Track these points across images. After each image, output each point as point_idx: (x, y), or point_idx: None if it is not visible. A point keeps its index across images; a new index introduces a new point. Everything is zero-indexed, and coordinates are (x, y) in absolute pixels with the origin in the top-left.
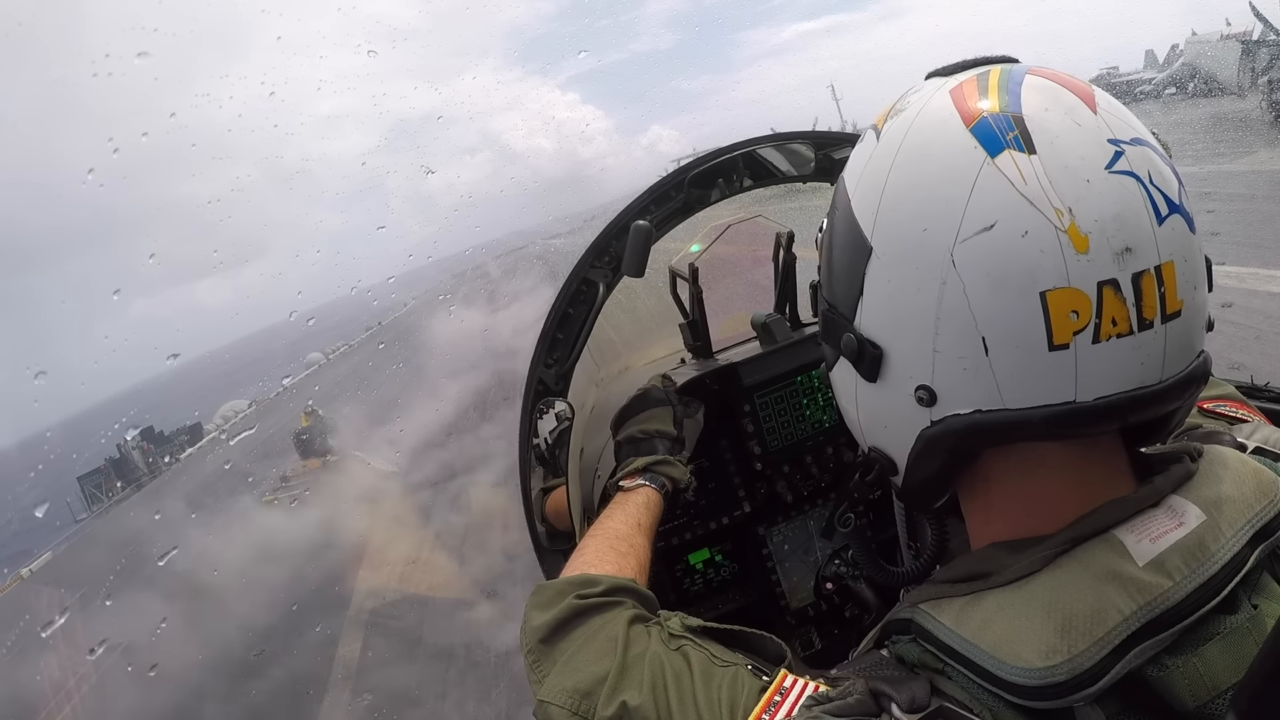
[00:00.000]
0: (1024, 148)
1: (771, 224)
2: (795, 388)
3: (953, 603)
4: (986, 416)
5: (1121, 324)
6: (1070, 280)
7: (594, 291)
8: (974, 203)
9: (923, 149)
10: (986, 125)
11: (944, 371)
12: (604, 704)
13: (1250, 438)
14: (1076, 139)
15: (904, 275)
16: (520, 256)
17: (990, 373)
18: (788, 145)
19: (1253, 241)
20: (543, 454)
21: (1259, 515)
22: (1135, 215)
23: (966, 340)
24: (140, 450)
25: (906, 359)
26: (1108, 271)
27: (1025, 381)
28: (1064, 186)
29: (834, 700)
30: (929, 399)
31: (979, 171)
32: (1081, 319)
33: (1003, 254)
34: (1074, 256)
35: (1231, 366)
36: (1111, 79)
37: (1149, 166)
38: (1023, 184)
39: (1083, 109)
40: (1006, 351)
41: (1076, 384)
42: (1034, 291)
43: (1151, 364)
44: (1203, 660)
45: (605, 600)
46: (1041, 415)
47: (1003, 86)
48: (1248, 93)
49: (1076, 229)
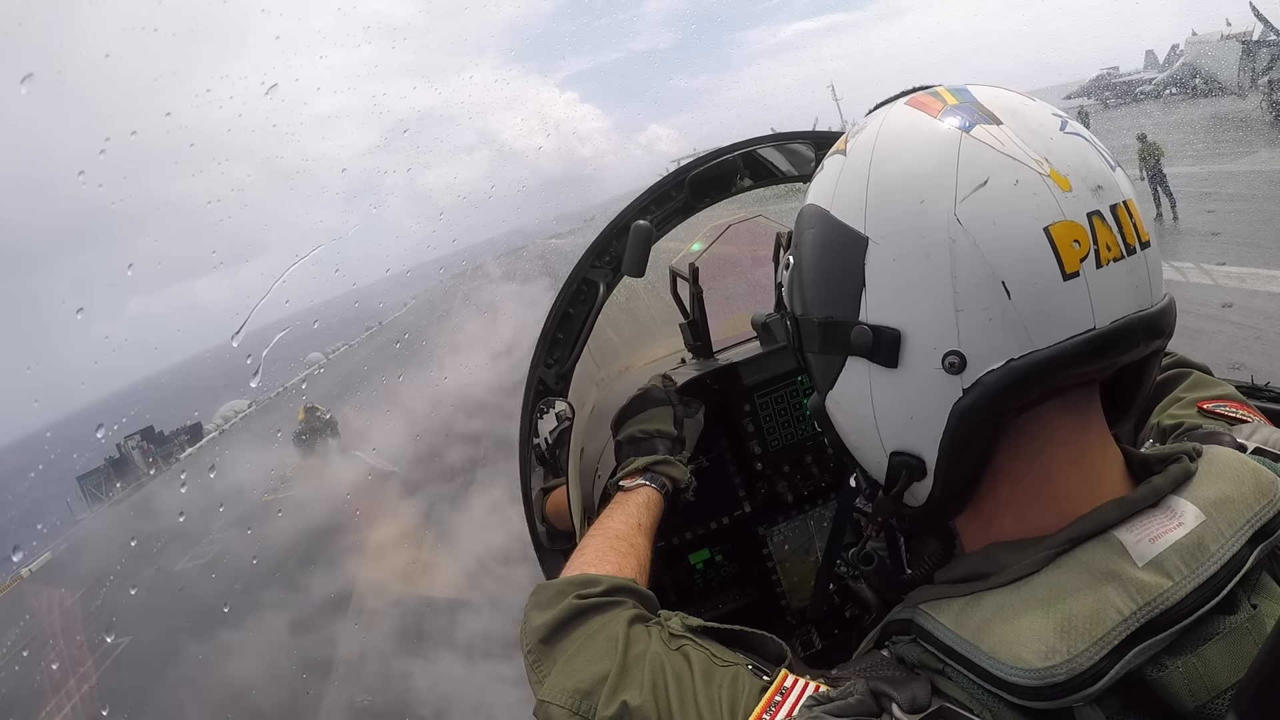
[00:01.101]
0: (990, 121)
1: (771, 224)
2: (795, 387)
3: (952, 603)
4: (1019, 363)
5: (1114, 249)
6: (1065, 214)
7: (594, 291)
8: (963, 168)
9: (898, 144)
10: (954, 111)
11: (970, 330)
12: (604, 704)
13: (1250, 438)
14: (1030, 112)
15: (909, 248)
16: (520, 256)
17: (1017, 316)
18: (788, 145)
19: (1253, 241)
20: (543, 454)
21: (1258, 515)
22: (1096, 160)
23: (987, 290)
24: (140, 450)
25: (927, 330)
26: (1091, 204)
27: (1050, 316)
28: (1034, 143)
29: (835, 700)
30: (960, 363)
31: (960, 144)
32: (1083, 247)
33: (1002, 203)
34: (1062, 195)
35: (1231, 366)
36: (1112, 79)
37: (1087, 134)
38: (1001, 145)
39: (1022, 98)
40: (1027, 290)
41: (1093, 310)
42: (1039, 228)
43: (1144, 287)
44: (1202, 660)
45: (605, 600)
46: (1071, 347)
47: (954, 93)
48: (1248, 93)
49: (1056, 172)
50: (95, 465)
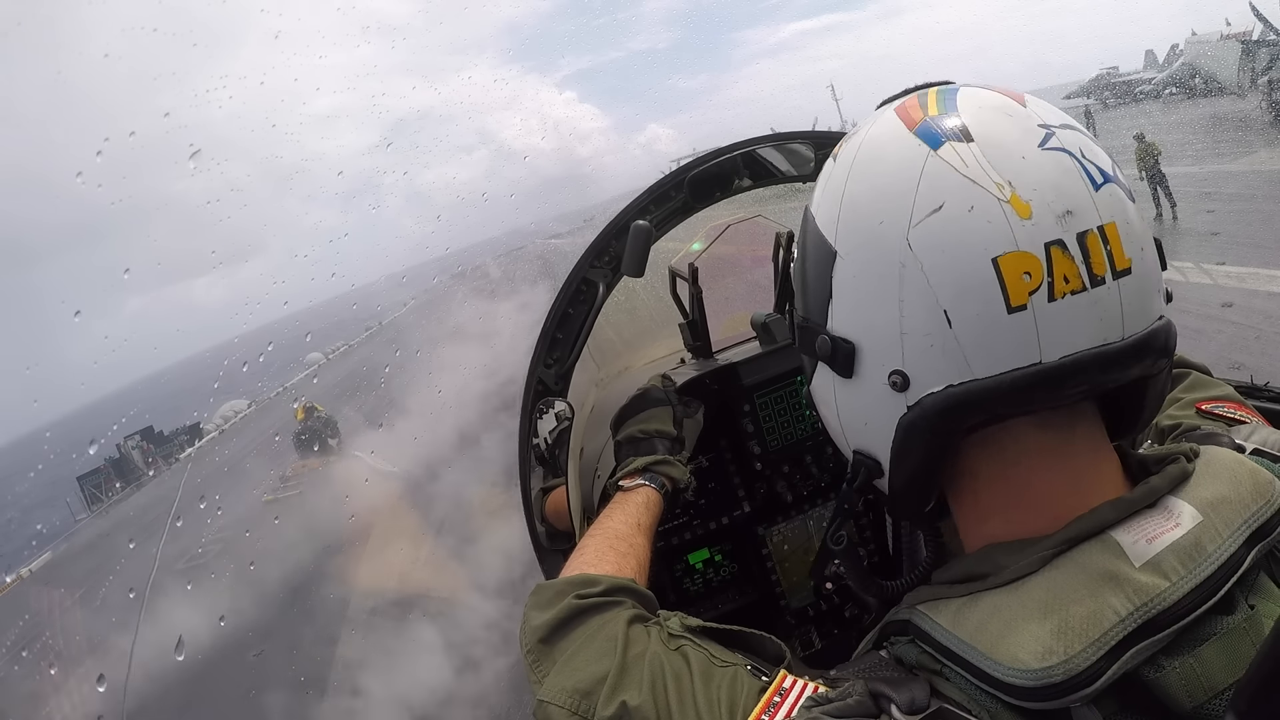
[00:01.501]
0: (962, 138)
1: (771, 224)
2: (795, 387)
3: (950, 604)
4: (958, 390)
5: (1074, 281)
6: (1018, 244)
7: (594, 291)
8: (922, 190)
9: (873, 156)
10: (928, 126)
11: (913, 352)
12: (604, 704)
13: (1248, 439)
14: (1009, 125)
15: (866, 267)
16: (519, 256)
17: (956, 345)
18: (787, 145)
19: (1253, 241)
20: (542, 454)
21: (1255, 515)
22: (1071, 182)
23: (930, 317)
24: (140, 450)
25: (877, 348)
26: (1052, 233)
27: (990, 348)
28: (1002, 164)
29: (833, 701)
30: (902, 383)
31: (924, 163)
32: (1034, 279)
33: (953, 230)
34: (1019, 222)
35: (1231, 366)
36: (1111, 79)
37: (1080, 144)
38: (964, 167)
39: (1013, 104)
40: (968, 321)
41: (1040, 344)
42: (986, 259)
43: (1111, 320)
44: (1200, 661)
45: (605, 600)
46: (1010, 379)
47: (940, 98)
48: (1248, 93)
49: (1018, 198)
50: (95, 465)
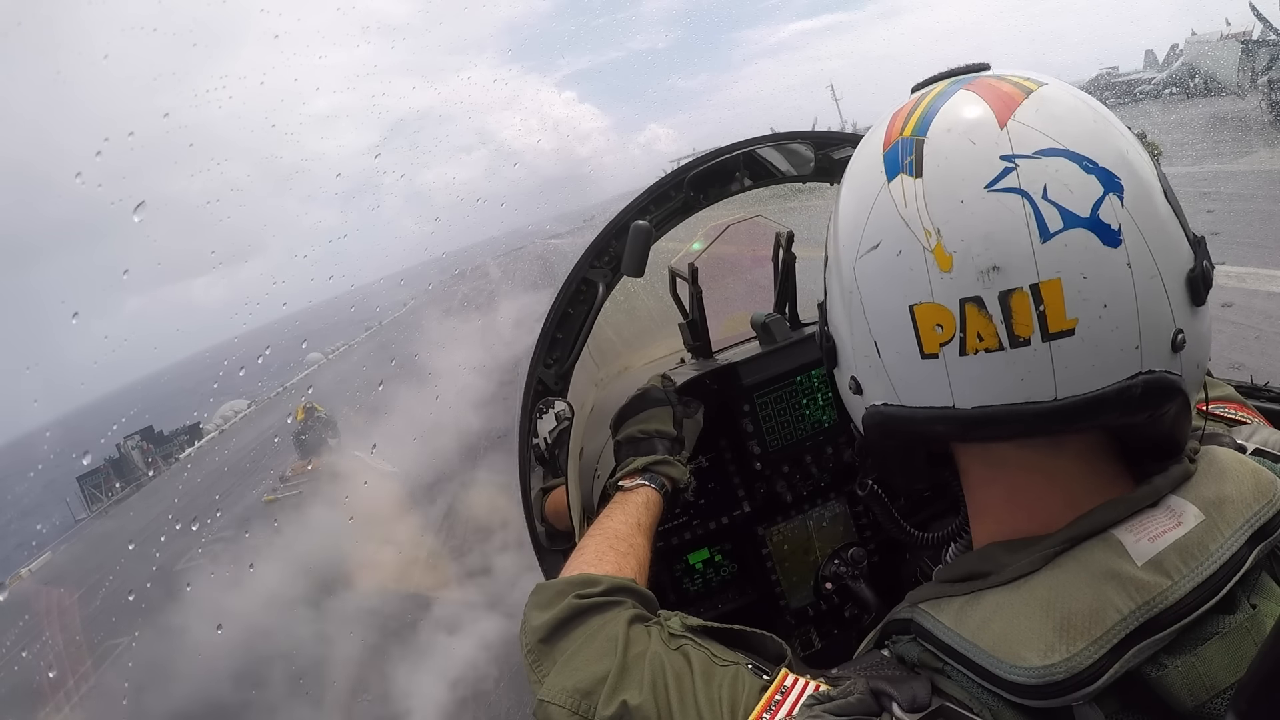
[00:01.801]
0: (914, 171)
1: (771, 224)
2: (795, 388)
3: (952, 602)
4: (888, 410)
5: (989, 339)
6: (934, 296)
7: (593, 291)
8: (870, 223)
9: (855, 171)
10: (894, 151)
11: (859, 366)
12: (604, 703)
13: (1249, 439)
14: (963, 159)
15: (836, 282)
16: (519, 256)
17: (885, 372)
18: (787, 145)
19: (1253, 241)
20: (542, 454)
21: (1257, 515)
22: (1009, 233)
23: (867, 343)
24: (140, 450)
25: (844, 352)
26: (971, 289)
27: (909, 383)
28: (937, 208)
29: (835, 700)
30: (856, 388)
31: (877, 195)
32: (946, 332)
33: (884, 271)
34: (938, 275)
35: (1232, 366)
36: (1111, 79)
37: (1050, 179)
38: (904, 206)
39: (988, 125)
40: (892, 356)
41: (951, 391)
42: (905, 305)
43: (1035, 381)
44: (1201, 660)
45: (605, 600)
46: (924, 415)
47: (925, 109)
48: (1247, 93)
49: (942, 248)
50: (95, 465)
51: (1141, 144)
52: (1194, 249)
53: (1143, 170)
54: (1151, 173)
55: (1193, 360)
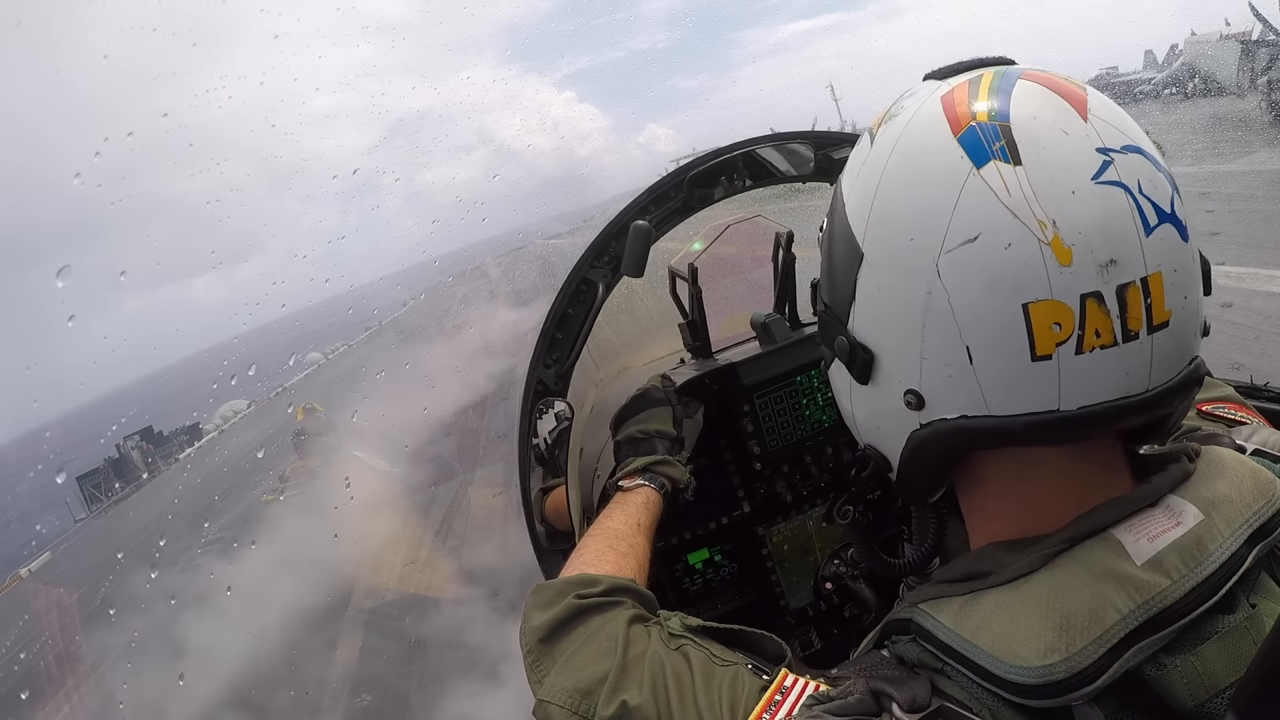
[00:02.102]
0: (1009, 158)
1: (771, 224)
2: (795, 388)
3: (951, 602)
4: (971, 422)
5: (1105, 336)
6: (1053, 293)
7: (593, 291)
8: (959, 214)
9: (912, 156)
10: (974, 134)
11: (930, 377)
12: (604, 704)
13: (1249, 440)
14: (1063, 149)
15: (892, 282)
16: (519, 256)
17: (975, 380)
18: (787, 145)
19: (1252, 241)
20: (542, 454)
21: (1256, 515)
22: (1121, 227)
23: (951, 348)
24: (139, 450)
25: (895, 364)
26: (1091, 284)
27: (1009, 390)
28: (1048, 198)
29: (835, 700)
30: (917, 403)
31: (964, 182)
32: (1064, 331)
33: (986, 266)
34: (1057, 269)
35: (1231, 366)
36: (1111, 79)
37: (1140, 175)
38: (1007, 196)
39: (1073, 116)
40: (990, 361)
41: (1060, 393)
42: (1017, 303)
43: (1137, 374)
44: (1201, 659)
45: (605, 600)
46: (1024, 423)
47: (993, 92)
48: (1247, 93)
49: (1060, 241)
50: (95, 465)
51: None
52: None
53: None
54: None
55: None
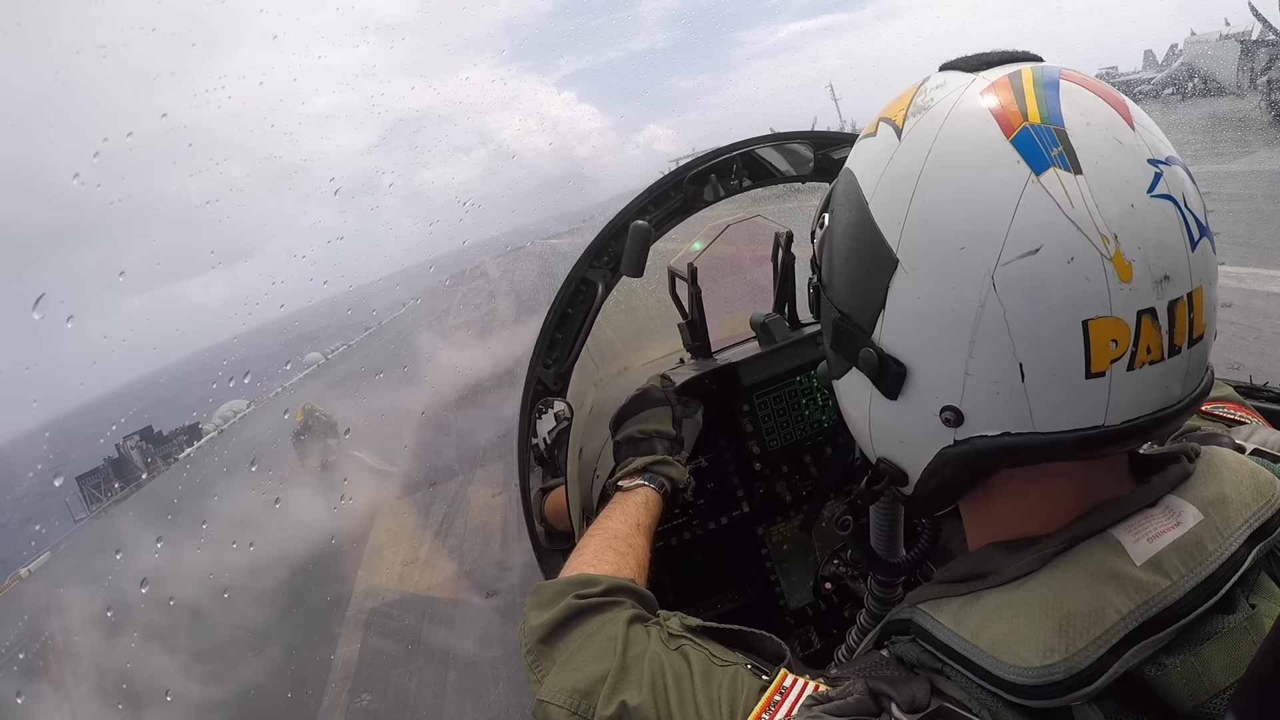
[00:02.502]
0: (1069, 166)
1: (770, 224)
2: (794, 388)
3: (951, 603)
4: (1015, 439)
5: (1155, 351)
6: (1113, 309)
7: (593, 291)
8: (1018, 223)
9: (959, 158)
10: (1029, 137)
11: (974, 394)
12: (603, 704)
13: (1248, 440)
14: (1120, 160)
15: (937, 294)
16: (518, 256)
17: (1024, 398)
18: (786, 145)
19: (1252, 241)
20: (542, 454)
21: (1256, 515)
22: (1174, 241)
23: (1002, 365)
24: (139, 450)
25: (934, 379)
26: (1148, 300)
27: (1058, 407)
28: (1109, 211)
29: (834, 700)
30: (955, 420)
31: (1024, 189)
32: (1120, 348)
33: (1047, 280)
34: (1118, 285)
35: (1231, 366)
36: (1111, 79)
37: (1183, 188)
38: (1069, 207)
39: (1122, 125)
40: (1043, 378)
41: (1108, 409)
42: (1077, 320)
43: (1175, 386)
44: (1200, 660)
45: (604, 600)
46: (1071, 439)
47: (1039, 93)
48: (1246, 93)
49: (1121, 256)
50: (94, 465)
51: None
52: None
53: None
54: None
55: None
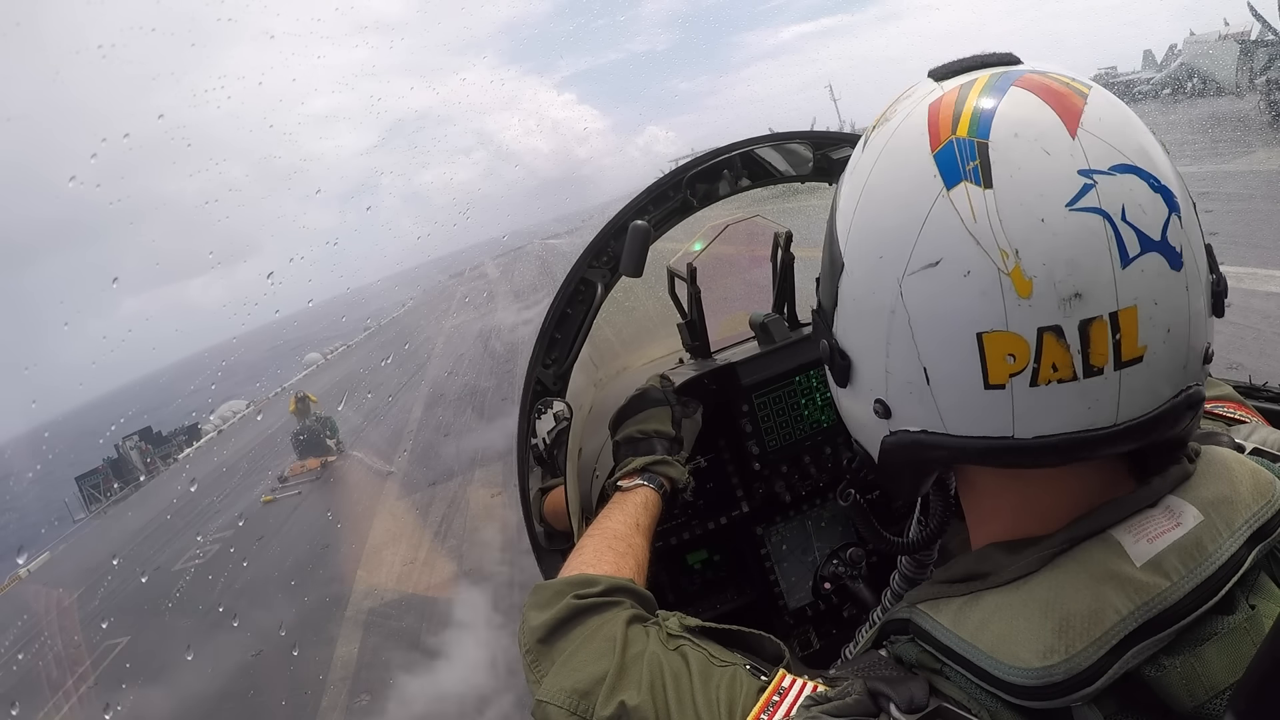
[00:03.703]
0: (981, 180)
1: (770, 224)
2: (793, 388)
3: (950, 603)
4: (930, 438)
5: (1064, 370)
6: (1009, 325)
7: (592, 291)
8: (924, 236)
9: (892, 170)
10: (950, 151)
11: (895, 391)
12: (602, 704)
13: (1248, 439)
14: (1040, 171)
15: (862, 296)
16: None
17: (933, 400)
18: (786, 145)
19: (1251, 241)
20: (541, 454)
21: (1256, 515)
22: (1092, 258)
23: (911, 368)
24: (139, 450)
25: (867, 373)
26: (1050, 318)
27: (964, 413)
28: (1015, 226)
29: (832, 700)
30: (883, 412)
31: (934, 203)
32: (1019, 362)
33: (945, 292)
34: (1015, 301)
35: (1230, 366)
36: (1110, 79)
37: (1127, 199)
38: (972, 222)
39: (1059, 132)
40: (945, 384)
41: (1014, 423)
42: (971, 332)
43: (1101, 409)
44: (1200, 660)
45: (604, 600)
46: (978, 446)
47: (979, 104)
48: (1246, 93)
49: (1021, 272)
50: (94, 465)
51: None
52: (1209, 258)
53: (1183, 183)
54: (1186, 184)
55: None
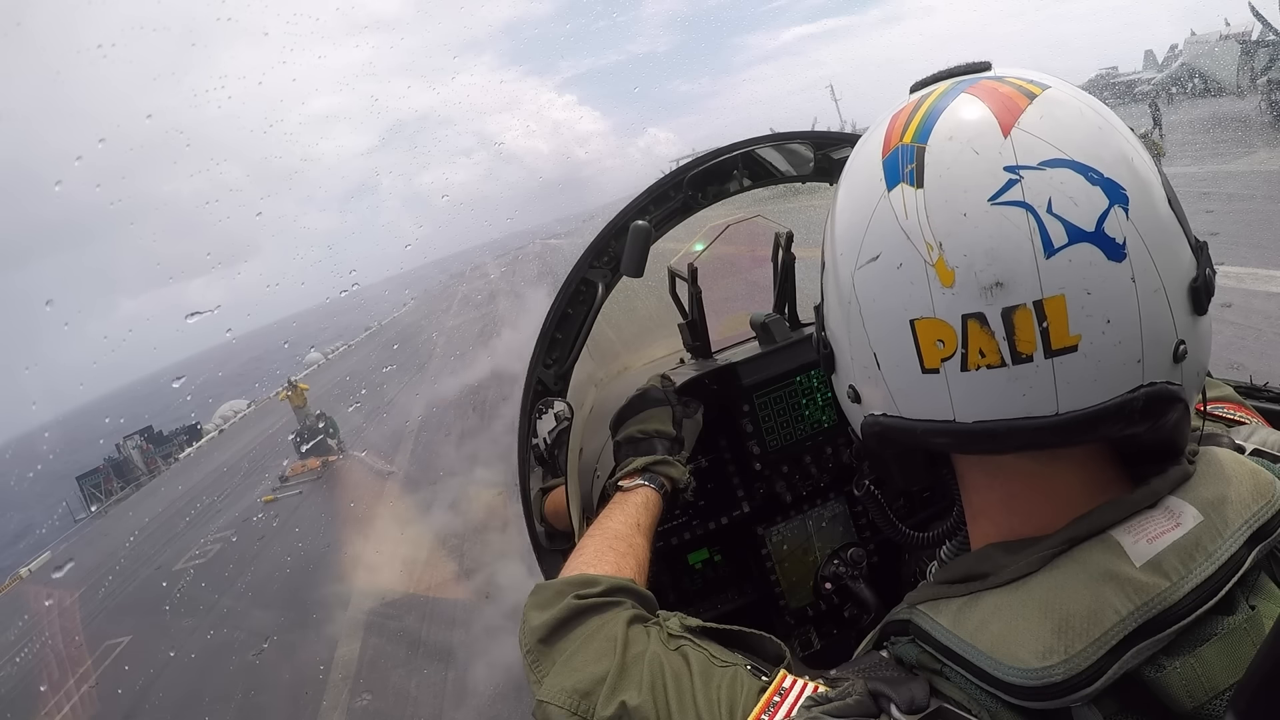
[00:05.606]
0: (915, 181)
1: (771, 224)
2: (794, 388)
3: (950, 603)
4: (890, 420)
5: (990, 356)
6: (935, 311)
7: (593, 291)
8: (869, 233)
9: (852, 175)
10: (894, 157)
11: (858, 376)
12: (603, 704)
13: (1248, 440)
14: (966, 170)
15: (833, 290)
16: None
17: (884, 384)
18: (787, 145)
19: (1252, 241)
20: (542, 454)
21: (1256, 516)
22: (1013, 249)
23: (865, 355)
24: (139, 450)
25: (842, 361)
26: (973, 305)
27: (910, 395)
28: (939, 221)
29: (833, 701)
30: (855, 397)
31: (876, 204)
32: (948, 348)
33: (884, 283)
34: (939, 289)
35: (1231, 366)
36: (1111, 79)
37: (1055, 192)
38: (904, 218)
39: (992, 133)
40: (892, 368)
41: (953, 405)
42: (905, 319)
43: (1037, 396)
44: (1200, 661)
45: (604, 600)
46: (924, 428)
47: (927, 110)
48: (1246, 93)
49: (944, 263)
50: (94, 465)
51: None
52: (1196, 256)
53: (1147, 178)
54: (1156, 179)
55: (1193, 368)
